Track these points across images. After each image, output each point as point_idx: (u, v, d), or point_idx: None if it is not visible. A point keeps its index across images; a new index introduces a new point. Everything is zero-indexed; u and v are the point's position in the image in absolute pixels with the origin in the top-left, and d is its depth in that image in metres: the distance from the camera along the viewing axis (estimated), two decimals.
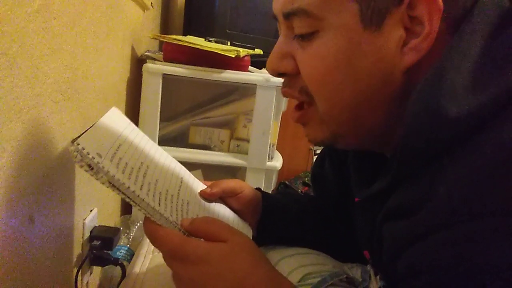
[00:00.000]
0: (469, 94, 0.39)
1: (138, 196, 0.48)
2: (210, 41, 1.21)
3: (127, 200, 0.48)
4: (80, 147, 0.46)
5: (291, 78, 0.52)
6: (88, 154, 0.46)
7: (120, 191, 0.48)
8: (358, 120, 0.49)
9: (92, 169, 0.46)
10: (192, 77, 1.14)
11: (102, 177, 0.47)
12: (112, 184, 0.47)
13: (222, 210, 0.65)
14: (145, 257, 0.80)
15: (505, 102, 0.38)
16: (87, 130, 0.49)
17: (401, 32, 0.44)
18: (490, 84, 0.39)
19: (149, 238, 0.50)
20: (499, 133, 0.37)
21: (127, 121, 0.58)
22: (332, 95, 0.48)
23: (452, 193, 0.37)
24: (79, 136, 0.47)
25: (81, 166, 0.46)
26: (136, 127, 0.58)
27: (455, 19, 0.44)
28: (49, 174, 0.62)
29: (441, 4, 0.42)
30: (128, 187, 0.47)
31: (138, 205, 0.49)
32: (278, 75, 0.53)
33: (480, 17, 0.42)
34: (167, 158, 0.60)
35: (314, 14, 0.46)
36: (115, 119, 0.54)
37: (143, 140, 0.57)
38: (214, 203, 0.64)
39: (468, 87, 0.40)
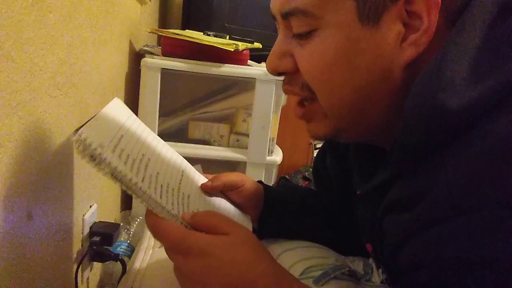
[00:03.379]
0: (468, 86, 0.39)
1: (140, 188, 0.48)
2: (208, 35, 1.21)
3: (129, 192, 0.48)
4: (82, 137, 0.45)
5: (291, 76, 0.52)
6: (91, 145, 0.45)
7: (122, 183, 0.47)
8: (359, 115, 0.49)
9: (94, 160, 0.46)
10: (191, 72, 1.13)
11: (104, 168, 0.46)
12: (114, 176, 0.47)
13: (223, 204, 0.64)
14: (145, 252, 0.79)
15: (504, 94, 0.38)
16: (89, 120, 0.48)
17: (400, 28, 0.44)
18: (489, 76, 0.39)
19: (151, 231, 0.49)
20: (498, 124, 0.37)
21: (129, 112, 0.57)
22: (333, 91, 0.48)
23: (452, 186, 0.37)
24: (81, 126, 0.46)
25: (83, 157, 0.46)
26: (137, 119, 0.58)
27: (454, 12, 0.44)
28: (47, 169, 0.61)
29: None
30: (130, 179, 0.47)
31: (140, 197, 0.48)
32: (278, 74, 0.53)
33: (479, 9, 0.42)
34: (168, 151, 0.60)
35: (311, 13, 0.46)
36: (117, 110, 0.54)
37: (144, 132, 0.56)
38: (214, 197, 0.64)
39: (467, 79, 0.40)
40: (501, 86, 0.38)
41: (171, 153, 0.60)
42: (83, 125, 0.46)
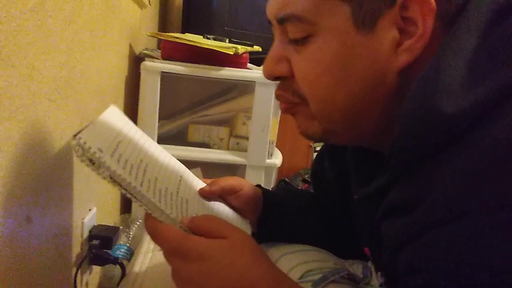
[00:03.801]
0: (464, 90, 0.39)
1: (140, 192, 0.48)
2: (208, 38, 1.21)
3: (128, 195, 0.48)
4: (82, 141, 0.45)
5: (285, 81, 0.52)
6: (90, 148, 0.45)
7: (121, 186, 0.48)
8: (352, 120, 0.49)
9: (94, 163, 0.46)
10: (190, 75, 1.13)
11: (103, 172, 0.46)
12: (114, 180, 0.47)
13: (221, 208, 0.64)
14: (144, 256, 0.79)
15: (500, 98, 0.38)
16: (87, 125, 0.48)
17: (395, 33, 0.44)
18: (486, 81, 0.39)
19: (149, 234, 0.49)
20: (495, 129, 0.37)
21: (125, 119, 0.57)
22: (326, 97, 0.48)
23: (448, 190, 0.37)
24: (80, 131, 0.46)
25: (82, 161, 0.46)
26: (134, 125, 0.58)
27: (449, 16, 0.44)
28: (46, 173, 0.61)
29: (434, 4, 0.42)
30: (129, 183, 0.47)
31: (140, 200, 0.49)
32: (274, 78, 0.53)
33: (474, 14, 0.42)
34: (166, 156, 0.60)
35: (307, 19, 0.46)
36: (114, 117, 0.54)
37: (142, 138, 0.56)
38: (213, 201, 0.64)
39: (463, 83, 0.39)
40: (497, 90, 0.38)
41: (169, 158, 0.60)
42: (82, 129, 0.47)
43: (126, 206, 1.22)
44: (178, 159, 0.64)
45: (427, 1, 0.42)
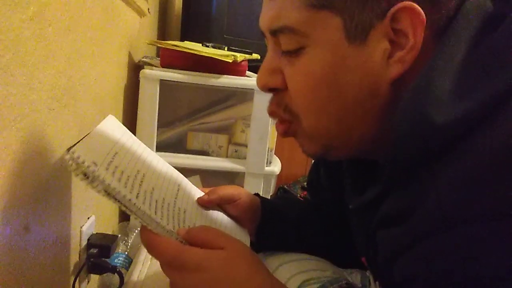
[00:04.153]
0: (455, 101, 0.39)
1: (134, 204, 0.48)
2: (207, 46, 1.21)
3: (123, 208, 0.48)
4: (75, 155, 0.45)
5: (279, 93, 0.52)
6: (84, 162, 0.45)
7: (116, 199, 0.47)
8: (347, 132, 0.49)
9: (88, 177, 0.46)
10: (189, 83, 1.13)
11: (97, 185, 0.46)
12: (108, 193, 0.47)
13: (219, 217, 0.64)
14: (143, 264, 0.79)
15: (491, 107, 0.38)
16: (83, 138, 0.48)
17: (386, 45, 0.44)
18: (476, 90, 0.39)
19: (146, 247, 0.49)
20: (486, 138, 0.37)
21: (123, 128, 0.57)
22: (320, 110, 0.48)
23: (442, 199, 0.37)
24: (74, 145, 0.46)
25: (76, 175, 0.46)
26: (132, 135, 0.58)
27: (439, 26, 0.44)
28: (45, 182, 0.61)
29: (424, 16, 0.42)
30: (124, 196, 0.47)
31: (134, 213, 0.48)
32: (268, 90, 0.53)
33: (464, 24, 0.43)
34: (164, 166, 0.60)
35: (299, 31, 0.46)
36: (112, 127, 0.54)
37: (139, 148, 0.56)
38: (211, 211, 0.64)
39: (454, 94, 0.40)
40: (487, 100, 0.38)
41: (167, 167, 0.60)
42: (76, 143, 0.47)
43: (124, 214, 1.21)
44: (176, 167, 0.64)
45: (417, 13, 0.42)
